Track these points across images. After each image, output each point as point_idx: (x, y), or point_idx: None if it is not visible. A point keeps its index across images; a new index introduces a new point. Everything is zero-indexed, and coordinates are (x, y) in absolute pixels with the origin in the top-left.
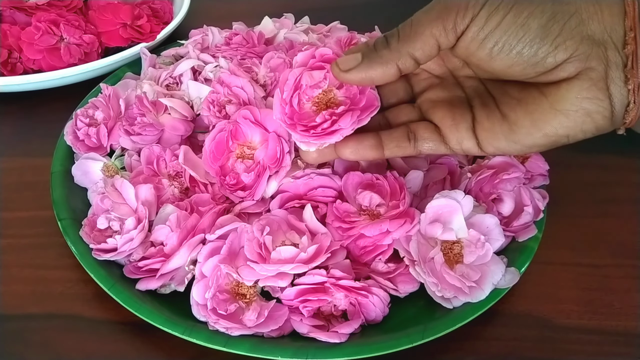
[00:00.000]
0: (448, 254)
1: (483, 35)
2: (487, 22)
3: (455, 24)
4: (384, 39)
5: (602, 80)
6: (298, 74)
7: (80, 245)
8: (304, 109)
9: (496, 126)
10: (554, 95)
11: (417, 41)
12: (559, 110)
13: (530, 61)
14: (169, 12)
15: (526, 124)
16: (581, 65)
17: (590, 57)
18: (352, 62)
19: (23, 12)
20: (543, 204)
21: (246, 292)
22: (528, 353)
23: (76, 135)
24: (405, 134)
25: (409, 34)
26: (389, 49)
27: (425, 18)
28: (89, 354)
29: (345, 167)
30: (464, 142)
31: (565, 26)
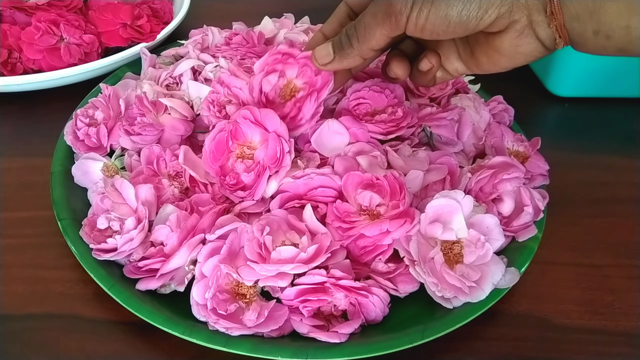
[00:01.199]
0: (448, 254)
1: (420, 27)
2: (418, 20)
3: (397, 23)
4: (347, 38)
5: (527, 27)
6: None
7: (80, 245)
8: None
9: (469, 59)
10: (492, 43)
11: (372, 40)
12: (502, 54)
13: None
14: (169, 12)
15: (484, 60)
16: (506, 21)
17: (513, 12)
18: (327, 58)
19: (23, 12)
20: (543, 204)
21: (246, 292)
22: (528, 353)
23: (76, 135)
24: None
25: (364, 36)
26: (352, 48)
27: (373, 21)
28: (89, 354)
29: (345, 167)
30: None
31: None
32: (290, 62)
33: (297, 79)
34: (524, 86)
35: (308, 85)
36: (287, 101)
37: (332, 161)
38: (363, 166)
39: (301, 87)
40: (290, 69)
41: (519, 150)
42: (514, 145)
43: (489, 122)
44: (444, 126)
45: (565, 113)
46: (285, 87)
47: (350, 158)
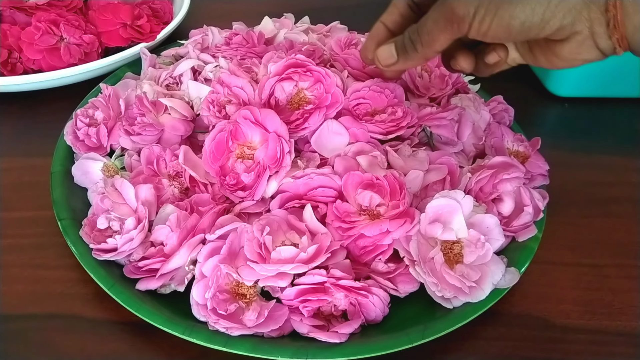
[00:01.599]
0: (448, 254)
1: (482, 33)
2: (481, 26)
3: (459, 29)
4: (412, 44)
5: (589, 39)
6: (273, 84)
7: (80, 245)
8: (280, 106)
9: (526, 54)
10: (553, 49)
11: (435, 45)
12: (560, 59)
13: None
14: (169, 12)
15: (542, 60)
16: (568, 32)
17: (575, 24)
18: (391, 59)
19: (23, 12)
20: (543, 204)
21: (246, 292)
22: (528, 353)
23: (76, 135)
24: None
25: (428, 41)
26: (417, 52)
27: (436, 28)
28: (89, 354)
29: (345, 167)
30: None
31: (546, 12)
32: (308, 75)
33: (309, 91)
34: (524, 86)
35: (318, 100)
36: (295, 109)
37: (332, 161)
38: (363, 166)
39: (311, 99)
40: (304, 80)
41: (519, 150)
42: (514, 145)
43: (489, 122)
44: (444, 126)
45: (565, 113)
46: (296, 96)
47: (350, 158)
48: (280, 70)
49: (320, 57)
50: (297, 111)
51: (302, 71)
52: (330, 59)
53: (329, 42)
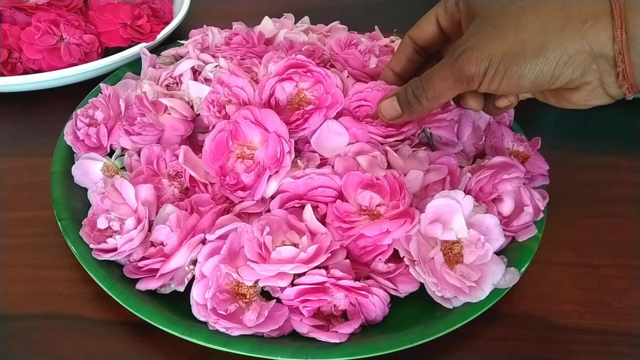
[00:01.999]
0: (448, 254)
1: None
2: (491, 85)
3: (468, 86)
4: (416, 99)
5: (599, 87)
6: (273, 84)
7: (80, 245)
8: (280, 106)
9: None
10: (564, 95)
11: (442, 99)
12: (570, 103)
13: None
14: (169, 12)
15: (552, 101)
16: (578, 82)
17: (584, 76)
18: (394, 113)
19: (23, 12)
20: (543, 204)
21: (246, 292)
22: (528, 353)
23: (76, 135)
24: None
25: (434, 96)
26: (422, 106)
27: (443, 85)
28: (89, 354)
29: (345, 167)
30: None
31: (555, 70)
32: (308, 76)
33: (309, 91)
34: None
35: (318, 100)
36: (295, 110)
37: (332, 161)
38: (363, 166)
39: (311, 99)
40: (305, 80)
41: (519, 150)
42: (514, 145)
43: (489, 122)
44: (444, 127)
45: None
46: (296, 96)
47: (350, 158)
48: (280, 70)
49: (320, 57)
50: (297, 111)
51: (303, 72)
52: (330, 59)
53: (329, 42)
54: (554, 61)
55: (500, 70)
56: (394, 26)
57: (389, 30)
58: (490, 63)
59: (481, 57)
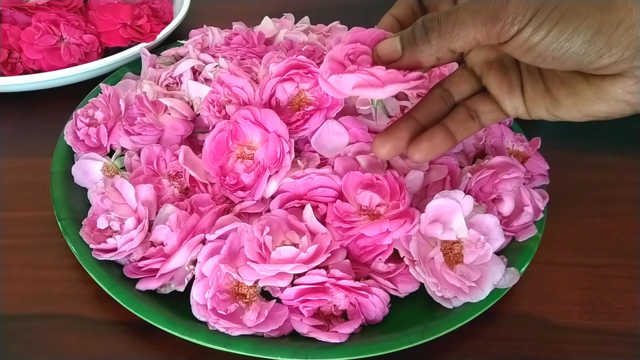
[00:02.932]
0: (448, 254)
1: (526, 48)
2: (531, 37)
3: (500, 33)
4: (424, 31)
5: None
6: (274, 85)
7: (80, 245)
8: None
9: (539, 98)
10: (597, 85)
11: (459, 41)
12: (601, 99)
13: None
14: (169, 12)
15: (567, 103)
16: (626, 66)
17: (636, 58)
18: (393, 54)
19: (23, 12)
20: (543, 204)
21: (246, 292)
22: (528, 353)
23: (76, 135)
24: (468, 114)
25: (451, 32)
26: (430, 44)
27: (470, 20)
28: (89, 354)
29: (345, 167)
30: (520, 108)
31: (612, 37)
32: (309, 77)
33: (309, 92)
34: None
35: (319, 101)
36: (296, 110)
37: (332, 161)
38: (363, 166)
39: (312, 100)
40: (305, 81)
41: (519, 150)
42: (514, 145)
43: None
44: None
45: None
46: (297, 97)
47: (350, 158)
48: (281, 71)
49: (320, 57)
50: (297, 112)
51: (304, 72)
52: None
53: (329, 42)
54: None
55: (552, 17)
56: None
57: None
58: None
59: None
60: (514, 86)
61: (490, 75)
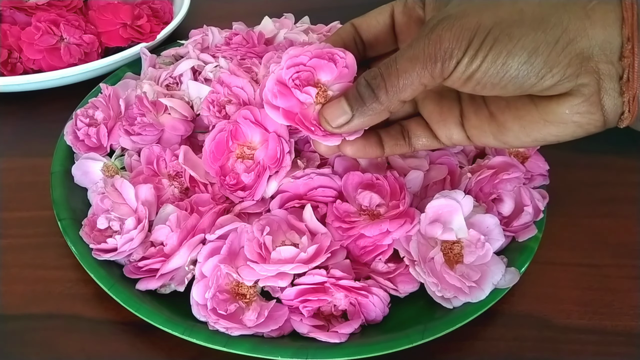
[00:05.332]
0: (448, 254)
1: (465, 78)
2: (467, 67)
3: (442, 71)
4: (370, 90)
5: (594, 95)
6: None
7: (80, 245)
8: None
9: (484, 124)
10: (544, 107)
11: (406, 90)
12: (549, 122)
13: (515, 91)
14: (169, 12)
15: (515, 128)
16: (571, 84)
17: (580, 75)
18: (343, 119)
19: (23, 12)
20: (543, 204)
21: (246, 292)
22: (528, 353)
23: (76, 135)
24: (400, 132)
25: (397, 85)
26: (379, 102)
27: (411, 67)
28: (89, 354)
29: (345, 167)
30: (454, 136)
31: (550, 56)
32: None
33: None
34: None
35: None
36: None
37: (332, 161)
38: (363, 166)
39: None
40: None
41: (519, 150)
42: None
43: None
44: None
45: None
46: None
47: (350, 158)
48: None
49: None
50: None
51: None
52: None
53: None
54: (553, 41)
55: (486, 44)
56: None
57: None
58: (477, 33)
59: (466, 26)
60: (447, 115)
61: (425, 104)
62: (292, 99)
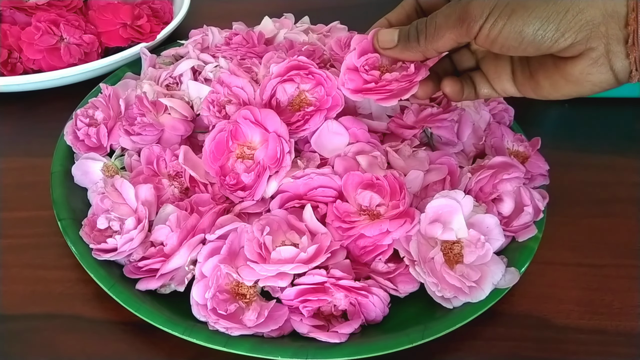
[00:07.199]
0: (448, 254)
1: (490, 40)
2: (491, 31)
3: (468, 31)
4: (415, 33)
5: (603, 56)
6: (274, 85)
7: (80, 245)
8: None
9: (526, 81)
10: (562, 68)
11: (439, 42)
12: (569, 81)
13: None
14: (169, 12)
15: (546, 85)
16: (582, 47)
17: (590, 39)
18: (390, 43)
19: (23, 12)
20: (543, 204)
21: (246, 292)
22: (528, 353)
23: (76, 135)
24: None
25: (433, 36)
26: (418, 44)
27: (444, 23)
28: (89, 354)
29: (345, 167)
30: (507, 89)
31: (561, 23)
32: (309, 78)
33: (310, 93)
34: None
35: (319, 102)
36: (296, 111)
37: (332, 161)
38: (363, 166)
39: (312, 101)
40: (306, 82)
41: (519, 150)
42: (514, 145)
43: (489, 122)
44: (444, 127)
45: (565, 113)
46: (297, 98)
47: (350, 158)
48: (282, 71)
49: (320, 57)
50: (297, 113)
51: (304, 73)
52: (330, 59)
53: (329, 42)
54: (563, 11)
55: (505, 13)
56: None
57: None
58: (496, 4)
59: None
60: (501, 72)
61: (485, 61)
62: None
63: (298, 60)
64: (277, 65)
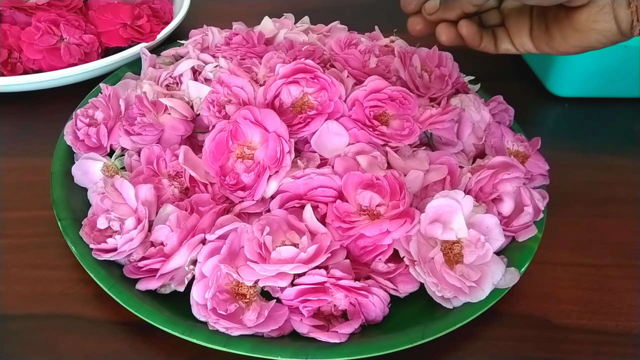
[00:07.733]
0: (448, 254)
1: None
2: None
3: None
4: None
5: (608, 6)
6: (279, 86)
7: (80, 245)
8: (284, 109)
9: (541, 35)
10: (572, 18)
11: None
12: (577, 30)
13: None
14: (169, 12)
15: (557, 36)
16: None
17: None
18: (433, 9)
19: (23, 12)
20: (543, 204)
21: (246, 292)
22: (528, 353)
23: (76, 135)
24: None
25: None
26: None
27: None
28: (89, 354)
29: (345, 167)
30: (525, 44)
31: None
32: (314, 82)
33: (313, 96)
34: (524, 86)
35: (321, 106)
36: (298, 113)
37: (332, 161)
38: (363, 166)
39: (314, 105)
40: (311, 86)
41: (519, 150)
42: (514, 145)
43: (489, 122)
44: (444, 127)
45: (565, 113)
46: (300, 100)
47: (350, 158)
48: (288, 72)
49: (320, 57)
50: (299, 115)
51: (310, 77)
52: (330, 59)
53: (329, 42)
54: None
55: None
56: (394, 26)
57: (389, 30)
58: None
59: None
60: (521, 27)
61: (508, 18)
62: None
63: (305, 64)
64: (283, 67)
